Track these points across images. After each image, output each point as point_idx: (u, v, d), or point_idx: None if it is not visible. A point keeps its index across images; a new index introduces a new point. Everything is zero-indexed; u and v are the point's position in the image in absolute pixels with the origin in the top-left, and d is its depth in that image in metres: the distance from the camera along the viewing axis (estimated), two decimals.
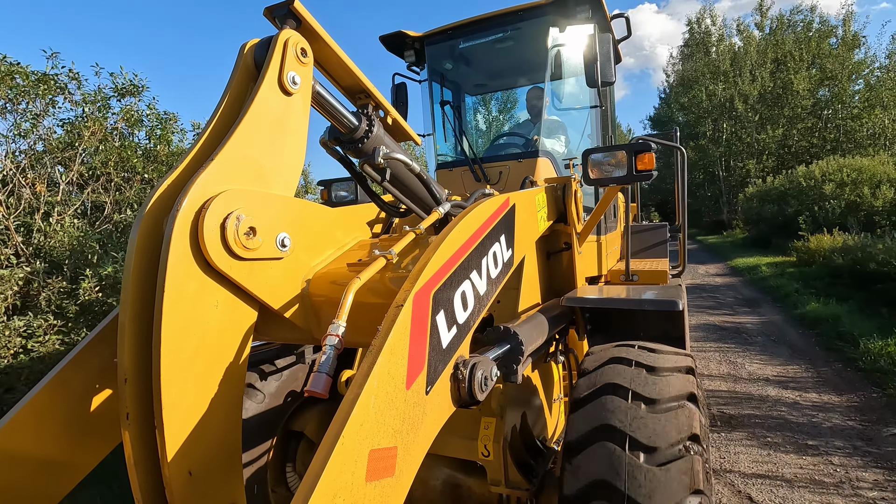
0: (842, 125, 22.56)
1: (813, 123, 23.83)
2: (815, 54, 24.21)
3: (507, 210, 1.74)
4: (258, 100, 1.31)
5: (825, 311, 7.17)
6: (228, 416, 1.25)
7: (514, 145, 3.56)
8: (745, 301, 9.13)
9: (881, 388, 4.76)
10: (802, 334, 6.79)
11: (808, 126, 23.92)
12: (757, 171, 24.38)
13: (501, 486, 2.03)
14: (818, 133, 23.72)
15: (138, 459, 1.13)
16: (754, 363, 5.75)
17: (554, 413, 2.63)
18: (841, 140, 22.47)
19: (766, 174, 22.12)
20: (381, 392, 0.95)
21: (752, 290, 10.13)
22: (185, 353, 1.12)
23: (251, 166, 1.30)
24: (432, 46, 3.76)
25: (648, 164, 2.28)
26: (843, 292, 8.16)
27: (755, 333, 6.96)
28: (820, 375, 5.27)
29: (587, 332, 2.39)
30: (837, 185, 14.04)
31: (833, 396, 4.72)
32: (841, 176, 14.27)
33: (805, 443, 3.89)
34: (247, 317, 1.30)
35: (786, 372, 5.42)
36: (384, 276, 1.43)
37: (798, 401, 4.66)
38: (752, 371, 5.48)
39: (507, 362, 1.58)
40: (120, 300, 1.16)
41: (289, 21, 1.42)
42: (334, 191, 3.25)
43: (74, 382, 1.29)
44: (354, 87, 1.71)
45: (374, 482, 0.91)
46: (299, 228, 1.43)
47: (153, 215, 1.19)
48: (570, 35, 3.32)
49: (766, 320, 7.66)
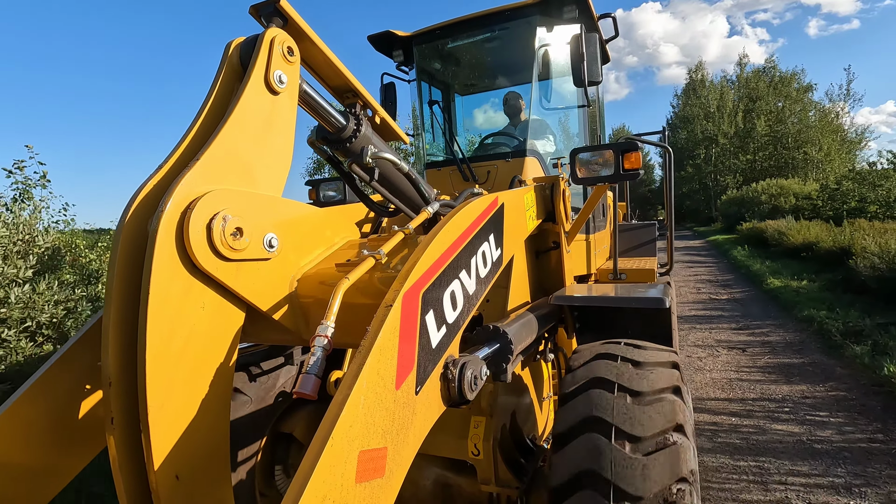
0: (786, 154, 34.67)
1: (770, 152, 35.70)
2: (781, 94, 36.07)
3: (496, 209, 1.75)
4: (244, 99, 1.30)
5: (740, 253, 15.09)
6: (216, 419, 1.23)
7: (503, 145, 3.57)
8: (707, 251, 18.85)
9: (754, 283, 10.64)
10: (728, 263, 14.59)
11: (766, 153, 35.97)
12: (733, 184, 35.59)
13: (491, 485, 2.03)
14: (773, 159, 35.50)
15: (123, 464, 1.11)
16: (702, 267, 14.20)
17: (544, 411, 2.64)
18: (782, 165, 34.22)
19: (738, 186, 32.98)
20: (370, 393, 0.94)
21: (713, 249, 19.29)
22: (171, 356, 1.11)
23: (237, 166, 1.29)
24: (420, 46, 3.76)
25: (635, 164, 2.30)
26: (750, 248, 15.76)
27: (708, 260, 16.13)
28: (720, 269, 13.45)
29: (576, 330, 2.40)
30: (769, 195, 24.23)
31: (728, 275, 12.38)
32: (770, 191, 24.78)
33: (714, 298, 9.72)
34: (234, 318, 1.28)
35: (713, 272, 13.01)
36: (373, 276, 1.42)
37: (708, 274, 12.41)
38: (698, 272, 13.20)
39: (496, 361, 1.58)
40: (104, 302, 1.14)
41: (275, 19, 1.41)
42: (322, 190, 3.23)
43: (58, 386, 1.27)
44: (342, 87, 1.70)
45: (363, 483, 0.91)
46: (287, 229, 1.42)
47: (137, 216, 1.17)
48: (557, 35, 3.34)
49: (717, 261, 15.73)
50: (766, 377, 5.07)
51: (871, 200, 15.88)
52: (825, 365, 5.30)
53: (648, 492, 1.30)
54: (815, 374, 5.05)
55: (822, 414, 4.14)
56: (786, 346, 6.06)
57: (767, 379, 5.02)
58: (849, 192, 17.19)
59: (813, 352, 5.75)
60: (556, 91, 3.66)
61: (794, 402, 4.42)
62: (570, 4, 3.19)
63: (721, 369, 5.31)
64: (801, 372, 5.14)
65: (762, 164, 35.60)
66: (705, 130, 38.61)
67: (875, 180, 16.53)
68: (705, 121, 38.89)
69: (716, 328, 7.06)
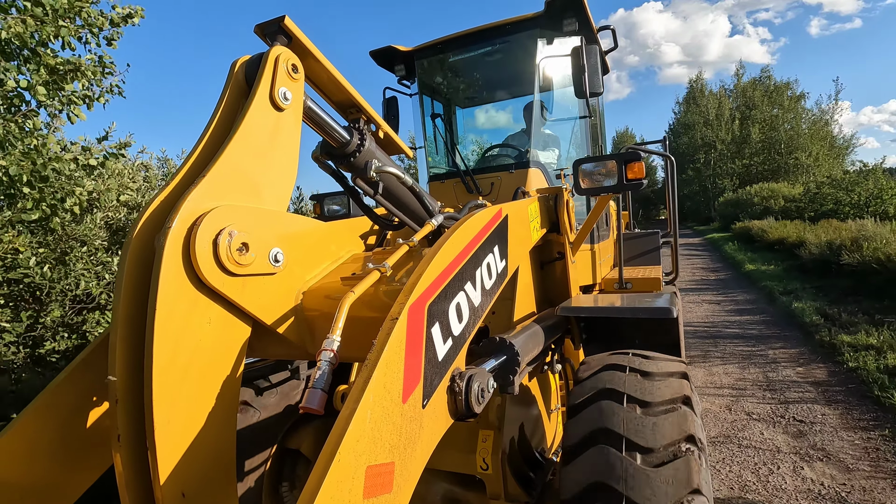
0: (779, 160, 37.11)
1: (763, 158, 38.34)
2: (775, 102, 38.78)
3: (500, 221, 1.75)
4: (250, 115, 1.31)
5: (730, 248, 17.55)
6: (222, 435, 1.23)
7: (506, 156, 3.59)
8: (704, 247, 21.51)
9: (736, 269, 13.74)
10: (720, 255, 17.46)
11: (761, 159, 38.57)
12: (730, 186, 38.14)
13: (501, 500, 2.01)
14: (767, 164, 38.02)
15: (130, 482, 1.10)
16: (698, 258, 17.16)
17: (552, 423, 2.61)
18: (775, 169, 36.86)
19: (734, 189, 35.81)
20: (377, 407, 0.94)
21: (709, 245, 21.87)
22: (178, 371, 1.11)
23: (243, 182, 1.30)
24: (422, 60, 3.80)
25: (638, 173, 2.30)
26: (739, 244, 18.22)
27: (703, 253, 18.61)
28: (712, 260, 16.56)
29: (582, 340, 2.39)
30: (761, 198, 26.43)
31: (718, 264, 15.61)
32: (762, 193, 27.12)
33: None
34: (240, 333, 1.28)
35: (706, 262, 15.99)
36: (378, 290, 1.42)
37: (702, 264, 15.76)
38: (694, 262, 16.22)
39: (503, 373, 1.57)
40: (111, 318, 1.14)
41: (279, 38, 1.43)
42: (327, 205, 3.25)
43: (65, 403, 1.27)
44: (345, 102, 1.72)
45: (371, 499, 0.90)
46: (292, 243, 1.42)
47: (145, 232, 1.18)
48: (557, 47, 3.38)
49: (711, 254, 18.48)
50: (727, 314, 8.67)
51: (845, 203, 17.78)
52: (764, 308, 8.84)
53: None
54: (756, 312, 8.62)
55: (753, 325, 7.72)
56: (745, 301, 9.63)
57: (728, 314, 8.64)
58: (826, 196, 19.41)
59: (760, 303, 9.32)
60: (557, 102, 3.68)
61: (740, 322, 7.98)
62: (570, 17, 3.23)
63: (703, 312, 8.97)
64: (749, 311, 8.70)
65: (757, 169, 38.15)
66: (704, 137, 41.14)
67: (848, 186, 18.50)
68: (705, 127, 41.39)
69: (703, 294, 10.66)
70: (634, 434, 1.44)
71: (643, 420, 1.48)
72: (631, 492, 1.31)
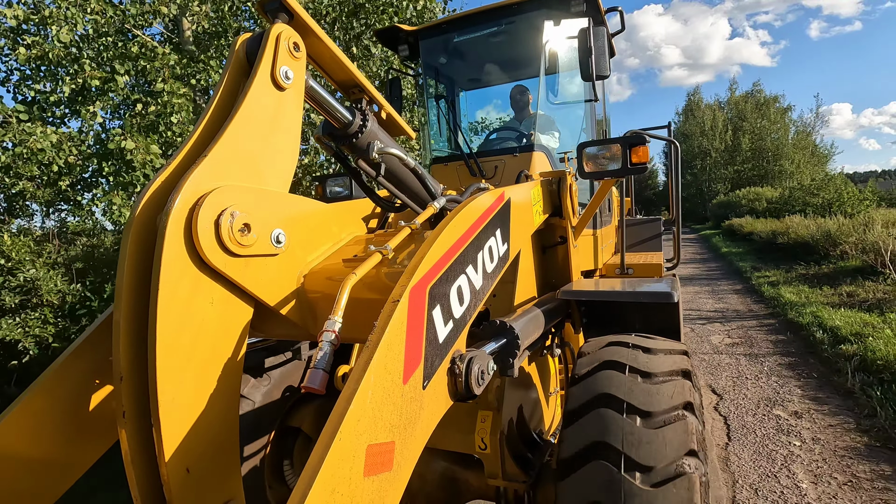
0: (766, 167, 42.11)
1: (752, 165, 43.30)
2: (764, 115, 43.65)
3: (503, 204, 1.74)
4: (251, 95, 1.30)
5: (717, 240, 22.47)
6: (225, 414, 1.25)
7: (510, 139, 3.55)
8: (697, 241, 24.92)
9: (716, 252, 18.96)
10: (708, 246, 22.18)
11: (750, 166, 43.37)
12: (722, 190, 42.73)
13: (499, 479, 2.04)
14: (756, 170, 42.78)
15: (135, 458, 1.12)
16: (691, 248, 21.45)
17: (550, 406, 2.64)
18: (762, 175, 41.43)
19: (726, 192, 40.09)
20: (377, 387, 0.95)
21: (702, 240, 25.46)
22: (181, 351, 1.12)
23: (245, 162, 1.29)
24: (426, 41, 3.74)
25: (643, 158, 2.28)
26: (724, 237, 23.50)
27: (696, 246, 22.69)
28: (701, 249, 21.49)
29: (583, 325, 2.40)
30: (747, 200, 30.23)
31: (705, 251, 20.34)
32: (749, 196, 31.02)
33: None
34: (242, 313, 1.29)
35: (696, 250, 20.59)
36: (380, 272, 1.42)
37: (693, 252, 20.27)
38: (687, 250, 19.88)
39: (503, 356, 1.58)
40: (114, 298, 1.15)
41: (280, 15, 1.40)
42: (329, 186, 3.24)
43: (70, 381, 1.29)
44: (348, 82, 1.70)
45: (372, 477, 0.91)
46: (294, 224, 1.42)
47: (146, 212, 1.18)
48: (564, 29, 3.31)
49: (701, 245, 22.67)
50: (703, 271, 13.94)
51: (811, 204, 21.17)
52: (725, 268, 14.28)
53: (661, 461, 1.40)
54: (719, 269, 14.10)
55: (714, 274, 13.27)
56: (718, 269, 14.35)
57: (703, 271, 13.91)
58: (797, 199, 23.36)
59: (724, 267, 14.39)
60: (562, 85, 3.63)
61: (708, 274, 13.28)
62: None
63: (689, 271, 13.69)
64: (715, 269, 14.14)
65: (747, 174, 43.17)
66: (700, 145, 46.57)
67: (813, 191, 22.50)
68: (701, 137, 46.66)
69: (691, 265, 15.35)
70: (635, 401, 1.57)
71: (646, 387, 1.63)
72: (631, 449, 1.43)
